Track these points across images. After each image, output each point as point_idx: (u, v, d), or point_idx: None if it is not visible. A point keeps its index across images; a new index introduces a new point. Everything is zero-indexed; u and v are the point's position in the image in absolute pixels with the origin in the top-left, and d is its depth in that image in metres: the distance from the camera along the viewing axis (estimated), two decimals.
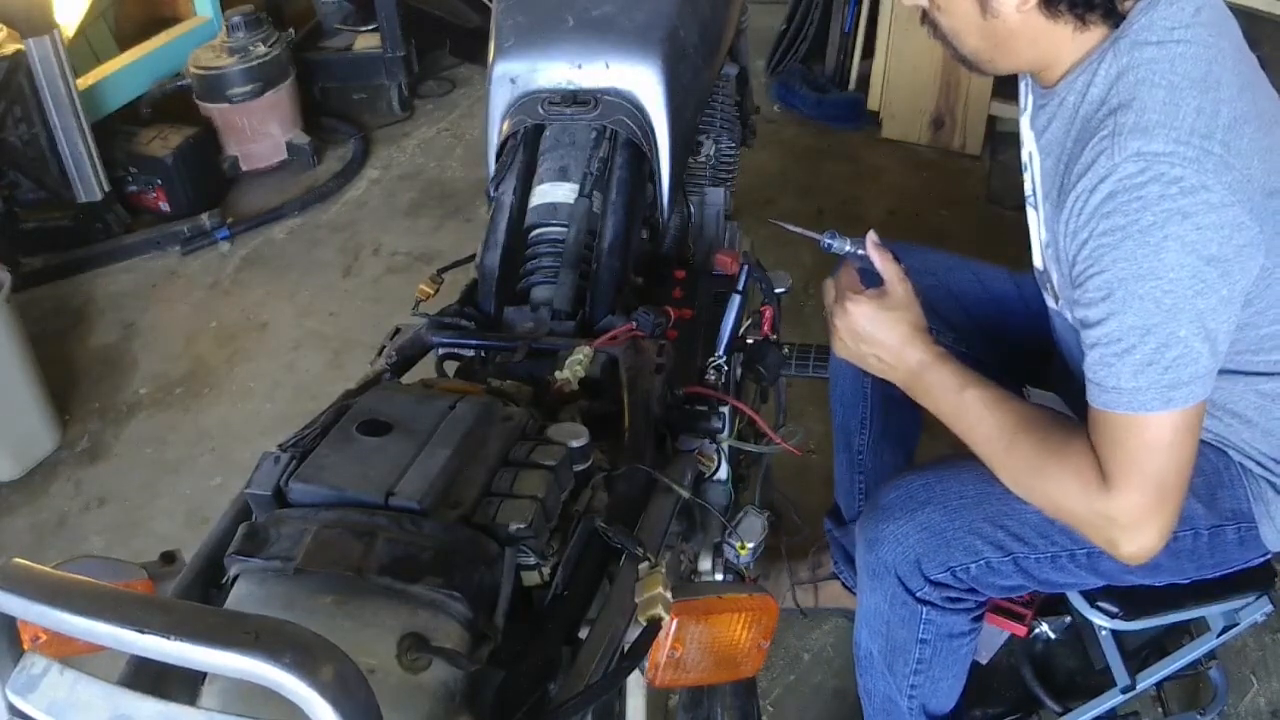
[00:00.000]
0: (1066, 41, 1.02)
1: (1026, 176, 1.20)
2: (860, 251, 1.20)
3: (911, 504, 1.20)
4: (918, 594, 1.21)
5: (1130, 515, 0.99)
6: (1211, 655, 1.46)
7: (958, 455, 1.19)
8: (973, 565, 1.18)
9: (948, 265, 1.49)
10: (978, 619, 1.27)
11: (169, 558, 0.91)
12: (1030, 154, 1.16)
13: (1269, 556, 1.24)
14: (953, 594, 1.21)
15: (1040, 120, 1.10)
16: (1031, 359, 1.45)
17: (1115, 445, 0.99)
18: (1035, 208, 1.16)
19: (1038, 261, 1.21)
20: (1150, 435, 0.97)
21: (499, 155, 1.35)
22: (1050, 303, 1.21)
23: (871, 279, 1.19)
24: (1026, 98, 1.20)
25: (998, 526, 1.17)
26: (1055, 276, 1.12)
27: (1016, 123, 1.25)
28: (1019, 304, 1.46)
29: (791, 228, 1.24)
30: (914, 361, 1.14)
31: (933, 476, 1.22)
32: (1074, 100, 1.03)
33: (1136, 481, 0.98)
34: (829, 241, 1.21)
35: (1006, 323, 1.47)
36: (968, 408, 1.10)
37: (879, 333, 1.15)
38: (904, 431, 1.62)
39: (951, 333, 1.46)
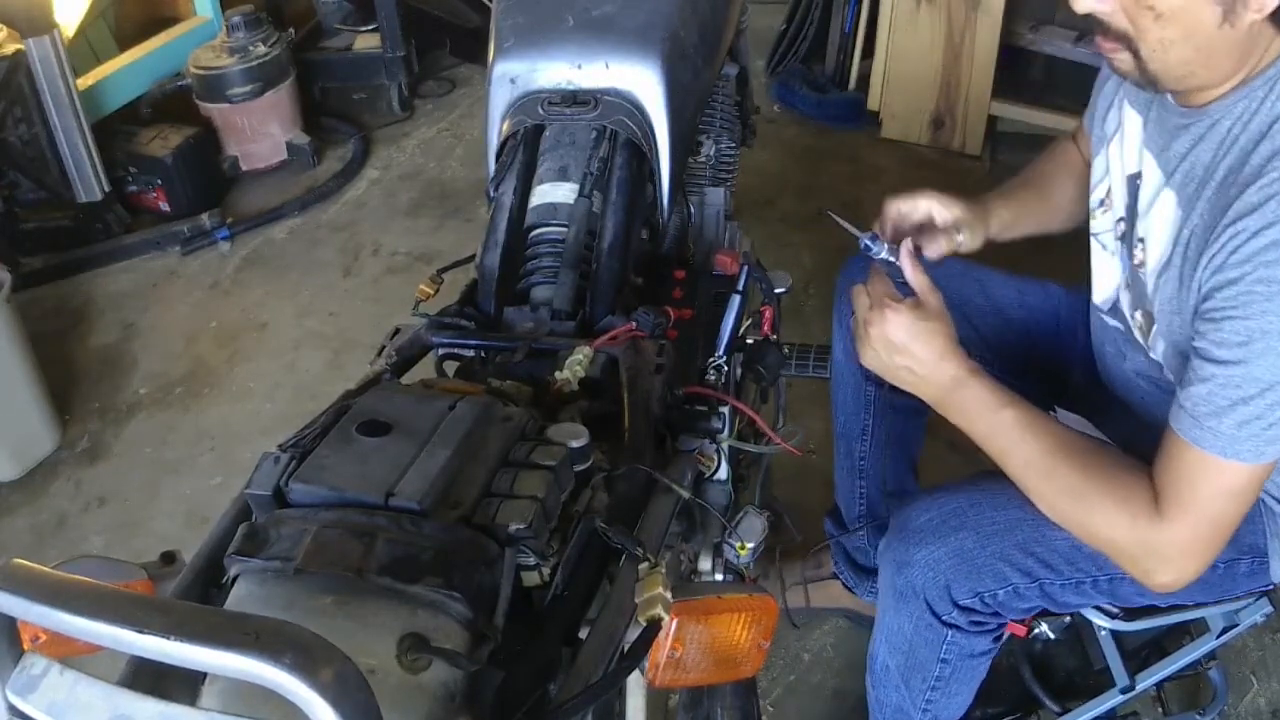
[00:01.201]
0: (1257, 55, 0.97)
1: (1117, 198, 1.17)
2: (895, 260, 1.16)
3: (944, 529, 1.18)
4: (944, 618, 1.20)
5: (1178, 549, 1.00)
6: (1211, 655, 1.46)
7: (987, 475, 1.18)
8: (1000, 591, 1.17)
9: (950, 273, 1.48)
10: (998, 638, 1.26)
11: (169, 558, 0.91)
12: (1136, 177, 1.12)
13: (1271, 587, 1.26)
14: (978, 618, 1.21)
15: (1180, 143, 1.05)
16: (1038, 375, 1.45)
17: (1187, 481, 0.98)
18: (1132, 224, 1.13)
19: (1113, 290, 1.20)
20: (1226, 481, 0.97)
21: (499, 155, 1.35)
22: (1119, 325, 1.20)
23: (899, 288, 1.17)
24: (1120, 116, 1.17)
25: (1028, 554, 1.16)
26: (1162, 300, 1.07)
27: (1016, 123, 1.25)
28: (1020, 311, 1.45)
29: (841, 221, 1.20)
30: (948, 376, 1.10)
31: (965, 500, 1.20)
32: (1229, 125, 1.00)
33: (1194, 519, 0.98)
34: (868, 243, 1.16)
35: (1010, 335, 1.46)
36: (1005, 429, 1.08)
37: (915, 344, 1.10)
38: (906, 438, 1.62)
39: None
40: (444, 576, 0.72)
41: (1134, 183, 1.14)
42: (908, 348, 1.10)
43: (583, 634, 0.80)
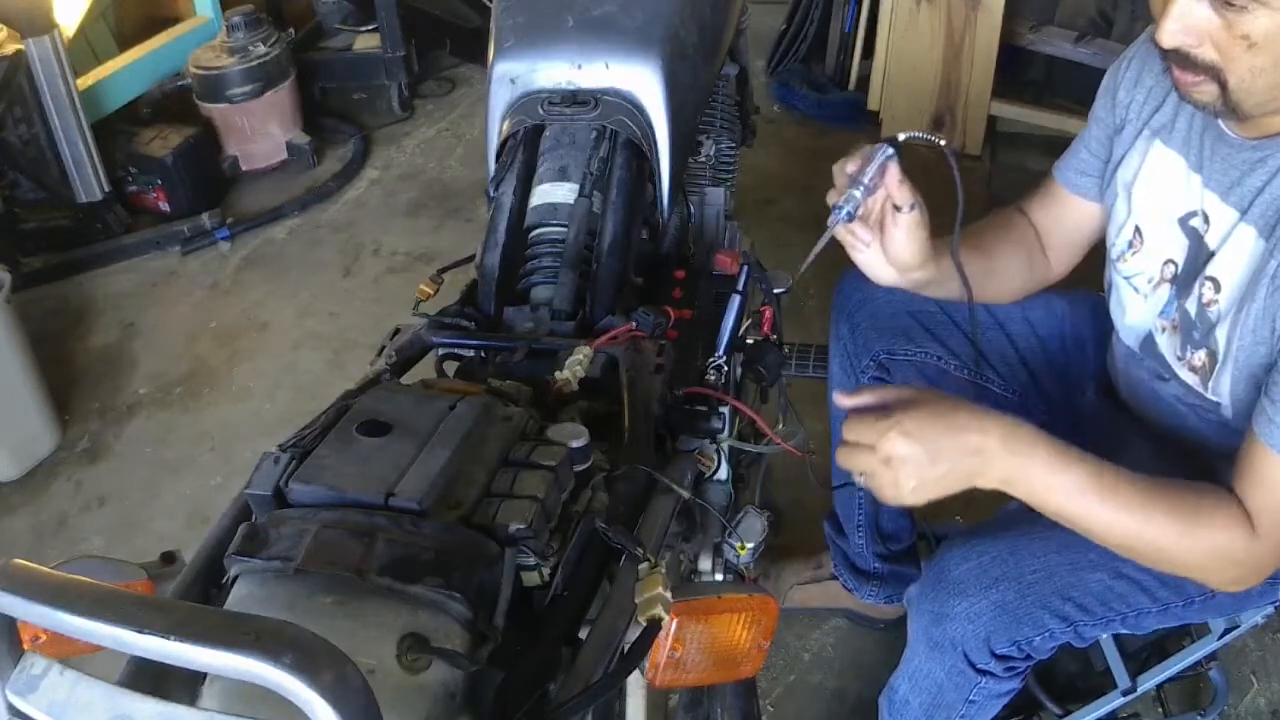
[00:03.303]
0: None
1: (1160, 240, 1.14)
2: (867, 184, 1.05)
3: (984, 580, 1.16)
4: (979, 666, 1.19)
5: (1268, 561, 1.01)
6: (1212, 656, 1.46)
7: (1020, 514, 1.16)
8: (1037, 638, 1.17)
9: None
10: (1024, 676, 1.26)
11: (169, 558, 0.91)
12: (1191, 217, 1.10)
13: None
14: (1012, 663, 1.20)
15: (1255, 177, 1.03)
16: (1049, 396, 1.44)
17: (1271, 491, 0.98)
18: (1197, 265, 1.09)
19: (1144, 330, 1.19)
20: None
21: (499, 155, 1.35)
22: (1154, 364, 1.19)
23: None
24: (1145, 159, 1.15)
25: (1066, 599, 1.16)
26: (1243, 333, 1.03)
27: (1016, 123, 1.23)
28: (1023, 326, 1.44)
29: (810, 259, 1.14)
30: (978, 450, 0.99)
31: (1005, 548, 1.17)
32: None
33: None
34: (847, 211, 1.07)
35: (1018, 356, 1.45)
36: (1076, 497, 1.00)
37: (919, 448, 0.97)
38: None
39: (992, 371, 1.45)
40: (444, 576, 0.72)
41: (1188, 223, 1.11)
42: (918, 456, 0.98)
43: (583, 634, 0.80)
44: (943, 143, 1.08)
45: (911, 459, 0.98)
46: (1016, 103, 3.02)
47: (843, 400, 1.05)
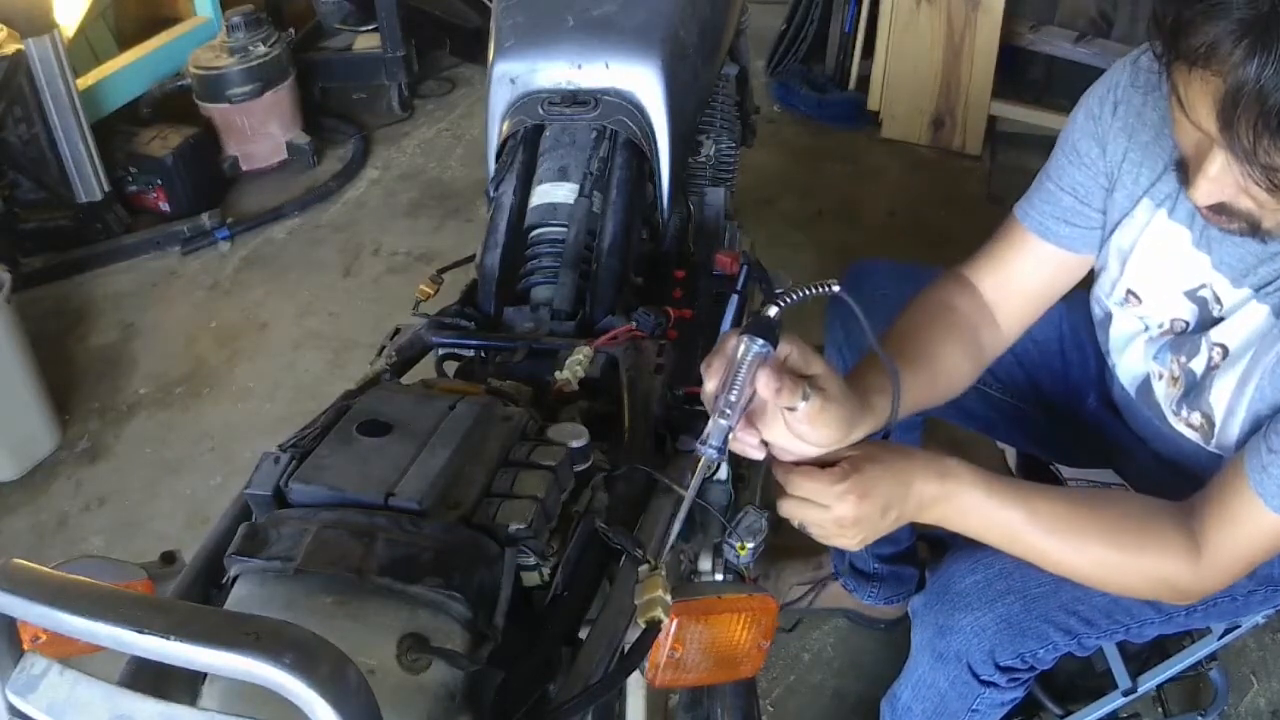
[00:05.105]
0: None
1: (1163, 305, 1.10)
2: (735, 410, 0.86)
3: (989, 593, 1.16)
4: (983, 677, 1.20)
5: (1203, 590, 1.01)
6: (1212, 656, 1.46)
7: None
8: (1041, 650, 1.17)
9: None
10: (1028, 685, 1.26)
11: (169, 558, 0.91)
12: (1199, 290, 1.06)
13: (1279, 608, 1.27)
14: (1016, 675, 1.21)
15: (1270, 267, 0.98)
16: (1050, 405, 1.44)
17: (1253, 538, 0.97)
18: (1200, 331, 1.07)
19: (1142, 371, 1.17)
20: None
21: (499, 155, 1.35)
22: (1151, 412, 1.18)
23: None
24: (1146, 228, 1.09)
25: (1070, 613, 1.16)
26: (1255, 398, 1.00)
27: (1016, 123, 1.21)
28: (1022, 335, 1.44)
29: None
30: (922, 496, 0.99)
31: (1010, 562, 1.14)
32: None
33: (1237, 569, 0.99)
34: (710, 454, 0.86)
35: (1017, 364, 1.43)
36: (1014, 530, 1.01)
37: (865, 503, 0.94)
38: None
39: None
40: (444, 576, 0.72)
41: (1196, 294, 1.07)
42: (871, 515, 0.96)
43: (583, 634, 0.80)
44: (835, 289, 0.87)
45: (866, 518, 0.96)
46: (1016, 103, 3.02)
47: (788, 455, 0.96)
